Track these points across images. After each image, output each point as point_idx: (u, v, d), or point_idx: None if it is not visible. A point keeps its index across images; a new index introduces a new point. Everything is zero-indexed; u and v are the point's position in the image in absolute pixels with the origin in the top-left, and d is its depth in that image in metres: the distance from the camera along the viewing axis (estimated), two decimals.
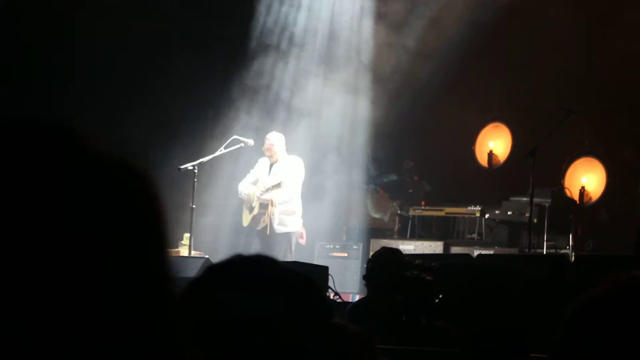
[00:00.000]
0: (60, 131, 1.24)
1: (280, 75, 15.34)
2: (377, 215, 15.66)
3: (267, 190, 12.59)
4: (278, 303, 1.70)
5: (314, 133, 15.17)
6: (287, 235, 12.81)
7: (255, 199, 12.83)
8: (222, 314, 1.69)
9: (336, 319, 1.86)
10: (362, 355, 3.99)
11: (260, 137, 13.36)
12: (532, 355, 4.90)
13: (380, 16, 15.48)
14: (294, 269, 1.79)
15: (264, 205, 12.77)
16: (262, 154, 13.13)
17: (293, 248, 12.80)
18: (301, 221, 12.97)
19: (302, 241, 12.97)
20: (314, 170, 14.87)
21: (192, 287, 1.74)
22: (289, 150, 13.36)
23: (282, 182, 12.49)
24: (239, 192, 13.03)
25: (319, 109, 15.26)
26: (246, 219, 13.02)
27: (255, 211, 12.86)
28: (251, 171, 13.09)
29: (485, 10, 14.77)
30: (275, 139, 12.97)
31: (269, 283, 1.73)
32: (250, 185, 12.99)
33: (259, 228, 12.83)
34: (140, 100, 14.59)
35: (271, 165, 12.94)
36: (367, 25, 15.51)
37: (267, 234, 12.76)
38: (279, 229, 12.74)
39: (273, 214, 12.72)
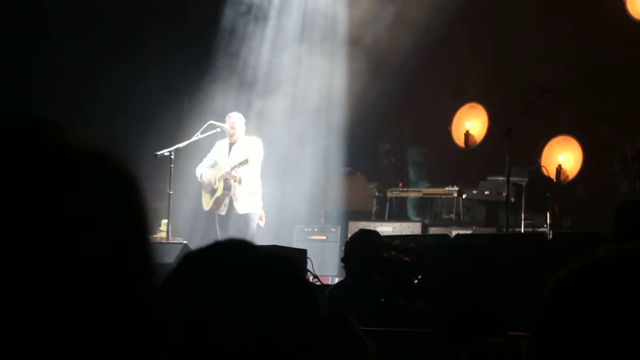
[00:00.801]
0: (36, 123, 1.21)
1: (256, 55, 15.28)
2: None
3: (235, 167, 12.52)
4: (258, 295, 1.67)
5: (290, 115, 15.14)
6: (248, 217, 12.72)
7: (217, 179, 12.75)
8: (199, 309, 1.66)
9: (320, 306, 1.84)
10: (348, 341, 3.98)
11: None
12: (510, 333, 4.90)
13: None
14: (274, 253, 1.76)
15: (227, 187, 12.70)
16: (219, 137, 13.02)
17: (254, 230, 12.71)
18: (261, 203, 12.88)
19: (262, 223, 12.87)
20: (290, 153, 14.85)
21: (168, 280, 1.70)
22: (264, 132, 13.33)
23: (249, 158, 12.43)
24: (198, 177, 12.96)
25: (295, 91, 15.22)
26: (207, 203, 12.93)
27: (219, 192, 12.76)
28: (208, 155, 13.01)
29: None
30: (236, 118, 12.90)
31: (247, 273, 1.70)
32: (209, 168, 12.93)
33: (221, 212, 12.74)
34: (113, 85, 14.50)
35: (230, 146, 12.86)
36: (343, 3, 15.45)
37: (228, 217, 12.68)
38: (241, 209, 12.66)
39: (235, 195, 12.63)
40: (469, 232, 13.53)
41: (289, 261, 1.74)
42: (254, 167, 12.69)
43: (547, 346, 1.53)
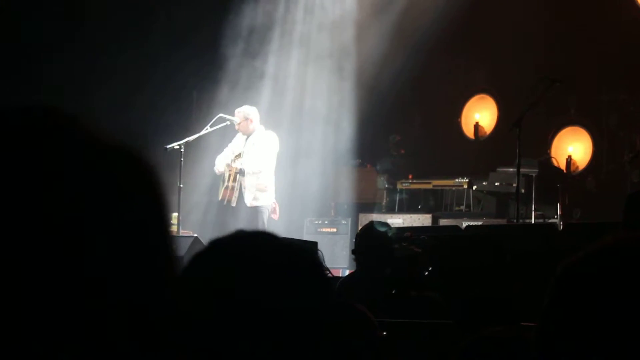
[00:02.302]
0: (61, 116, 1.22)
1: (264, 53, 15.27)
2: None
3: (233, 160, 12.56)
4: (276, 284, 1.68)
5: (299, 110, 15.15)
6: (259, 209, 12.72)
7: (226, 168, 12.77)
8: (220, 296, 1.66)
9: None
10: (363, 331, 4.00)
11: None
12: (522, 324, 4.91)
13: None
14: (294, 244, 1.77)
15: (234, 178, 12.71)
16: None
17: (265, 223, 12.71)
18: (274, 196, 12.87)
19: (275, 216, 12.85)
20: (300, 146, 14.86)
21: (190, 267, 1.71)
22: (275, 126, 13.33)
23: (242, 152, 12.45)
24: (214, 166, 12.99)
25: (304, 85, 15.23)
26: (221, 193, 12.97)
27: (228, 183, 12.79)
28: (229, 145, 13.05)
29: None
30: (247, 110, 12.90)
31: (268, 262, 1.71)
32: (226, 159, 12.96)
33: (233, 204, 12.75)
34: (122, 79, 14.53)
35: (246, 139, 12.88)
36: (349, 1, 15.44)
37: (239, 208, 12.69)
38: (250, 202, 12.67)
39: (245, 187, 12.64)
40: (480, 223, 13.52)
41: (308, 252, 1.76)
42: (268, 161, 12.70)
43: (555, 333, 1.54)
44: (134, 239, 1.20)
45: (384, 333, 4.13)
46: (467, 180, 14.93)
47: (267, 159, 12.70)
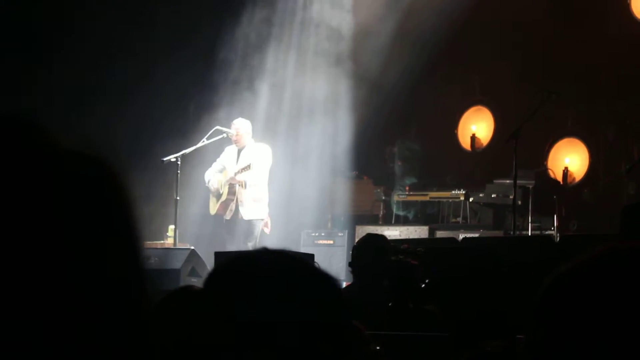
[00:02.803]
0: (21, 126, 1.21)
1: (261, 61, 15.28)
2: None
3: (238, 172, 12.54)
4: (293, 303, 1.69)
5: (296, 121, 15.16)
6: (254, 222, 12.72)
7: (223, 184, 12.77)
8: (236, 314, 1.66)
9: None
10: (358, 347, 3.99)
11: None
12: (518, 336, 4.90)
13: (357, 5, 15.43)
14: (311, 264, 1.80)
15: (232, 191, 12.71)
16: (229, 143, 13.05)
17: (257, 236, 12.70)
18: (267, 209, 12.88)
19: (267, 230, 12.87)
20: (297, 159, 14.86)
21: (208, 283, 1.71)
22: (271, 138, 13.35)
23: (251, 163, 12.44)
24: (206, 182, 12.98)
25: (300, 97, 15.24)
26: (213, 207, 12.95)
27: (224, 197, 12.78)
28: (217, 160, 13.05)
29: None
30: (241, 124, 12.92)
31: (285, 282, 1.72)
32: (217, 173, 12.96)
33: (227, 217, 12.75)
34: (119, 92, 14.54)
35: (239, 152, 12.88)
36: (346, 10, 15.45)
37: (233, 221, 12.68)
38: (246, 215, 12.66)
39: (241, 200, 12.64)
40: (476, 235, 13.53)
41: (325, 273, 1.79)
42: (261, 174, 12.70)
43: (543, 343, 1.52)
44: (95, 245, 1.19)
45: (377, 347, 4.12)
46: (463, 192, 14.93)
47: (262, 172, 12.71)
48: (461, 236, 12.81)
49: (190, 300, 1.84)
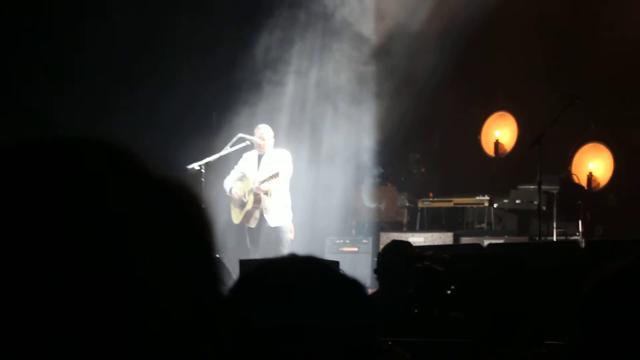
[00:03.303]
0: (114, 150, 1.23)
1: (284, 73, 15.29)
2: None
3: (264, 181, 12.53)
4: (324, 310, 1.70)
5: (320, 128, 15.15)
6: (280, 229, 12.71)
7: (247, 193, 12.76)
8: (266, 320, 1.67)
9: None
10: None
11: None
12: (546, 342, 4.90)
13: (381, 12, 15.42)
14: (342, 274, 1.82)
15: (257, 200, 12.70)
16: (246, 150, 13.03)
17: (287, 242, 12.70)
18: (291, 215, 12.88)
19: (291, 236, 12.85)
20: (321, 165, 14.86)
21: (237, 290, 1.72)
22: (295, 144, 13.36)
23: (280, 172, 12.43)
24: (227, 190, 12.97)
25: (324, 103, 15.23)
26: (237, 216, 12.93)
27: (249, 206, 12.76)
28: (235, 167, 13.04)
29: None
30: (265, 130, 12.92)
31: (318, 289, 1.73)
32: (237, 181, 12.95)
33: (251, 225, 12.74)
34: (143, 101, 14.58)
35: (259, 158, 12.88)
36: (370, 16, 15.45)
37: (259, 230, 12.68)
38: (273, 222, 12.66)
39: (266, 208, 12.63)
40: (501, 241, 13.50)
41: (355, 281, 1.79)
42: (284, 180, 12.70)
43: (585, 349, 1.53)
44: (181, 267, 1.21)
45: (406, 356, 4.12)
46: (488, 198, 14.91)
47: (285, 178, 12.71)
48: (486, 242, 12.79)
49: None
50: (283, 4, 15.18)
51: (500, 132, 16.09)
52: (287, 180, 12.79)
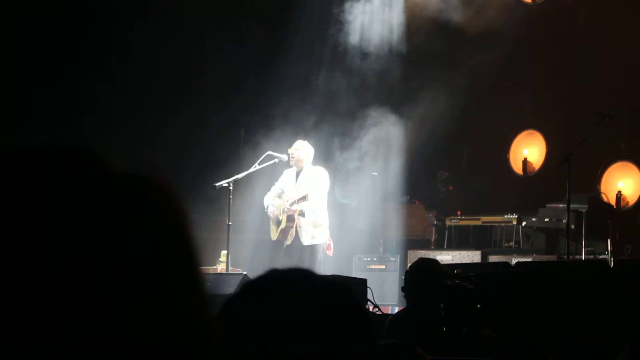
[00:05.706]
0: (78, 153, 1.23)
1: (312, 91, 15.35)
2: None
3: (294, 203, 12.53)
4: (314, 325, 1.66)
5: (348, 146, 15.17)
6: (315, 248, 12.70)
7: (282, 211, 12.78)
8: (254, 339, 1.65)
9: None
10: None
11: None
12: None
13: (410, 33, 15.46)
14: (332, 282, 1.73)
15: (290, 218, 12.70)
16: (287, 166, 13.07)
17: (320, 260, 12.68)
18: (328, 232, 12.86)
19: (330, 252, 12.82)
20: (349, 184, 14.87)
21: (226, 308, 1.69)
22: (323, 163, 13.37)
23: (308, 194, 12.40)
24: (265, 207, 12.98)
25: (352, 122, 15.26)
26: (274, 234, 12.96)
27: (283, 224, 12.77)
28: (276, 183, 13.03)
29: (514, 18, 14.76)
30: (302, 146, 12.90)
31: (304, 302, 1.68)
32: (276, 198, 12.95)
33: (287, 242, 12.75)
34: (173, 119, 14.66)
35: (297, 175, 12.87)
36: (397, 39, 15.49)
37: (294, 246, 12.68)
38: (306, 241, 12.65)
39: (300, 227, 12.63)
40: (530, 259, 13.44)
41: (346, 291, 1.72)
42: (320, 199, 12.65)
43: None
44: (156, 275, 1.19)
45: None
46: (516, 216, 14.87)
47: (321, 197, 12.67)
48: (514, 260, 12.74)
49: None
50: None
51: (529, 150, 16.06)
52: (323, 198, 12.73)
